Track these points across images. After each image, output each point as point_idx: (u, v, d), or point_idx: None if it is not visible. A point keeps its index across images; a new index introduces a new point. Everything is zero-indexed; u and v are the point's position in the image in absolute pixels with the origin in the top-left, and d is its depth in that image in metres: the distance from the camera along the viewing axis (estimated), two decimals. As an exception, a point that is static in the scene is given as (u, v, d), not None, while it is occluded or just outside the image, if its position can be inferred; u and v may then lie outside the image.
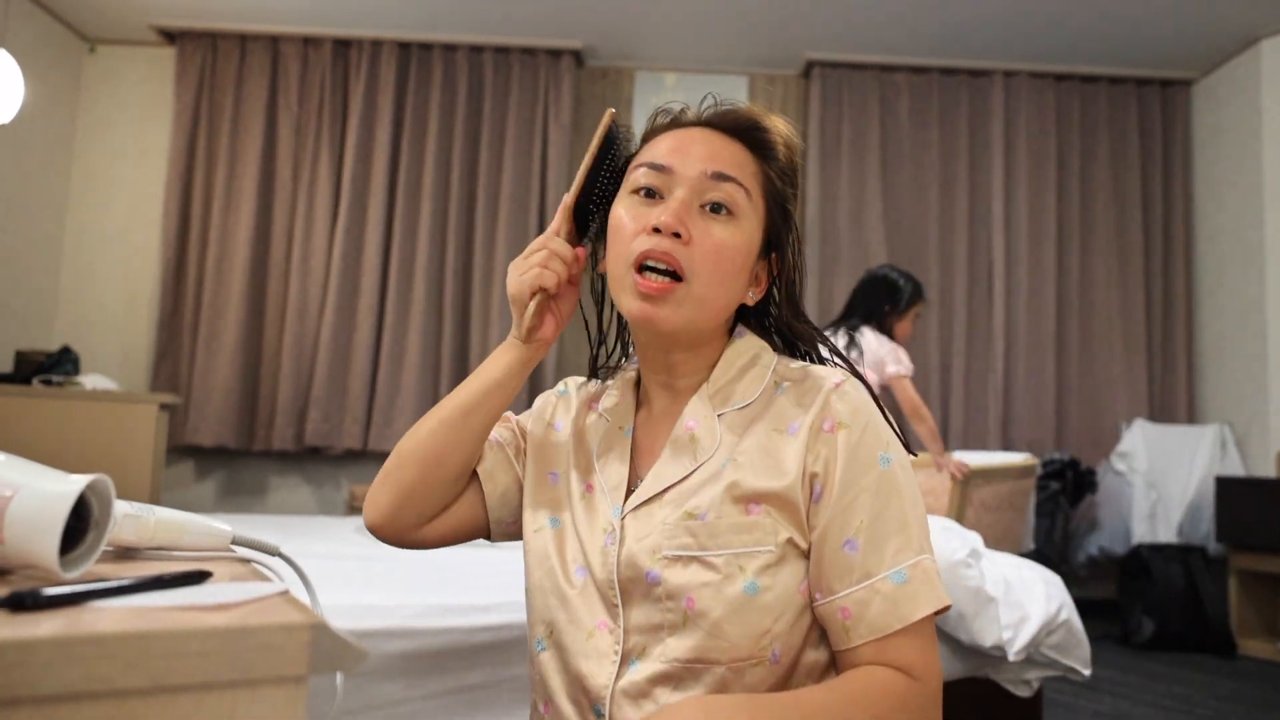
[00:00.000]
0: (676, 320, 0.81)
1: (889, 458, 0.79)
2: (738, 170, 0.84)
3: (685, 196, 0.82)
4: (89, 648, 0.40)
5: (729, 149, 0.85)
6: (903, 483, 0.79)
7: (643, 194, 0.84)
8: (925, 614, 0.75)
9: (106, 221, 4.28)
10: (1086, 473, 3.90)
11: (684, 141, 0.85)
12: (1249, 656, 3.52)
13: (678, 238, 0.80)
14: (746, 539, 0.78)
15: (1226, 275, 4.15)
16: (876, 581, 0.76)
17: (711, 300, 0.82)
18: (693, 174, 0.82)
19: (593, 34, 4.22)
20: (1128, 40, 4.11)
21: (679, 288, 0.80)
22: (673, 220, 0.80)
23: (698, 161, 0.83)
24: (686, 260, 0.80)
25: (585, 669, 0.81)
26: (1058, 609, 1.80)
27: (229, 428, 3.98)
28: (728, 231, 0.82)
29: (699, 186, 0.82)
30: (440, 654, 1.48)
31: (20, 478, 0.56)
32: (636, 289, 0.81)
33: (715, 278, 0.81)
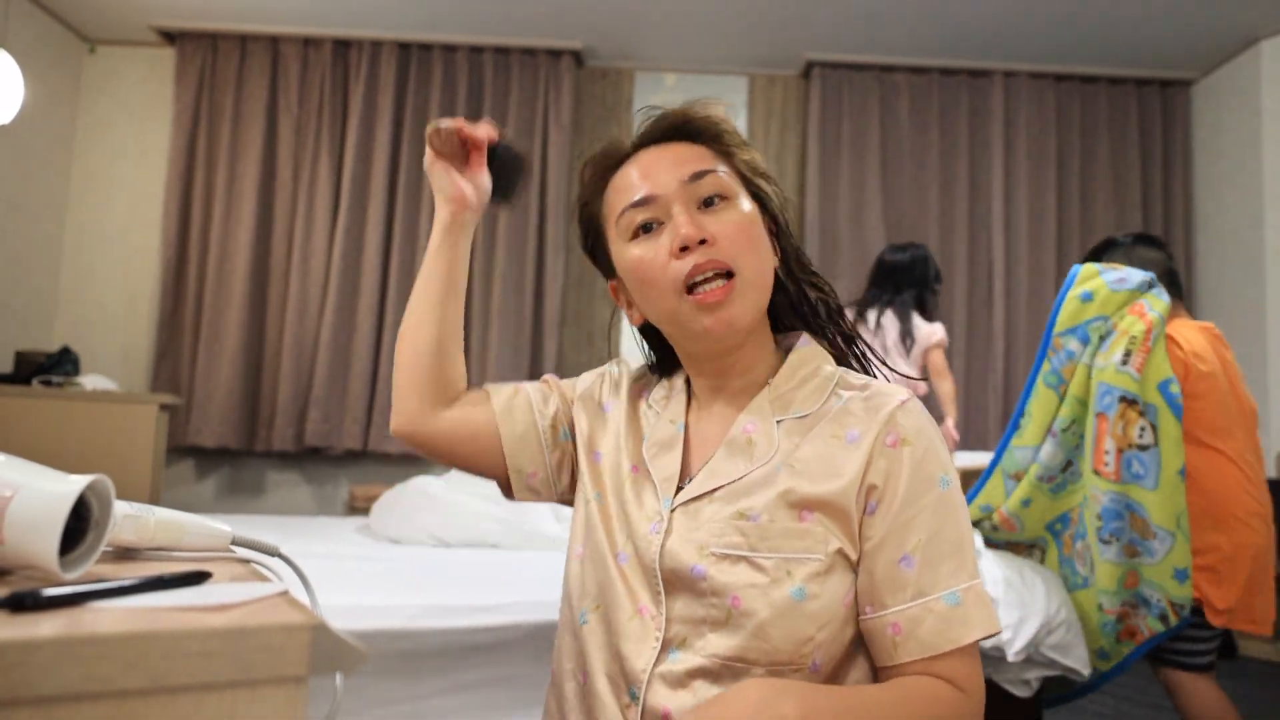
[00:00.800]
0: (747, 313, 0.83)
1: (949, 480, 0.80)
2: (704, 161, 0.86)
3: (683, 208, 0.83)
4: (89, 648, 0.40)
5: (682, 149, 0.87)
6: (958, 506, 0.80)
7: (642, 233, 0.85)
8: (976, 638, 0.76)
9: (106, 222, 4.28)
10: (1086, 473, 3.90)
11: (642, 168, 0.87)
12: (1249, 657, 3.52)
13: (704, 244, 0.81)
14: (797, 545, 0.79)
15: (1226, 275, 4.15)
16: (930, 601, 0.76)
17: (760, 278, 0.84)
18: (673, 187, 0.84)
19: (593, 34, 4.22)
20: (1128, 40, 4.11)
21: (735, 282, 0.82)
22: (694, 231, 0.81)
23: (669, 174, 0.85)
24: (727, 256, 0.82)
25: (626, 650, 0.82)
26: (1058, 608, 1.80)
27: (229, 428, 3.98)
28: (734, 213, 0.84)
29: (685, 194, 0.84)
30: (440, 654, 1.48)
31: (20, 478, 0.56)
32: (699, 306, 0.82)
33: (753, 257, 0.83)
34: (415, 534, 2.50)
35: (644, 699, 0.80)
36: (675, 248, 0.81)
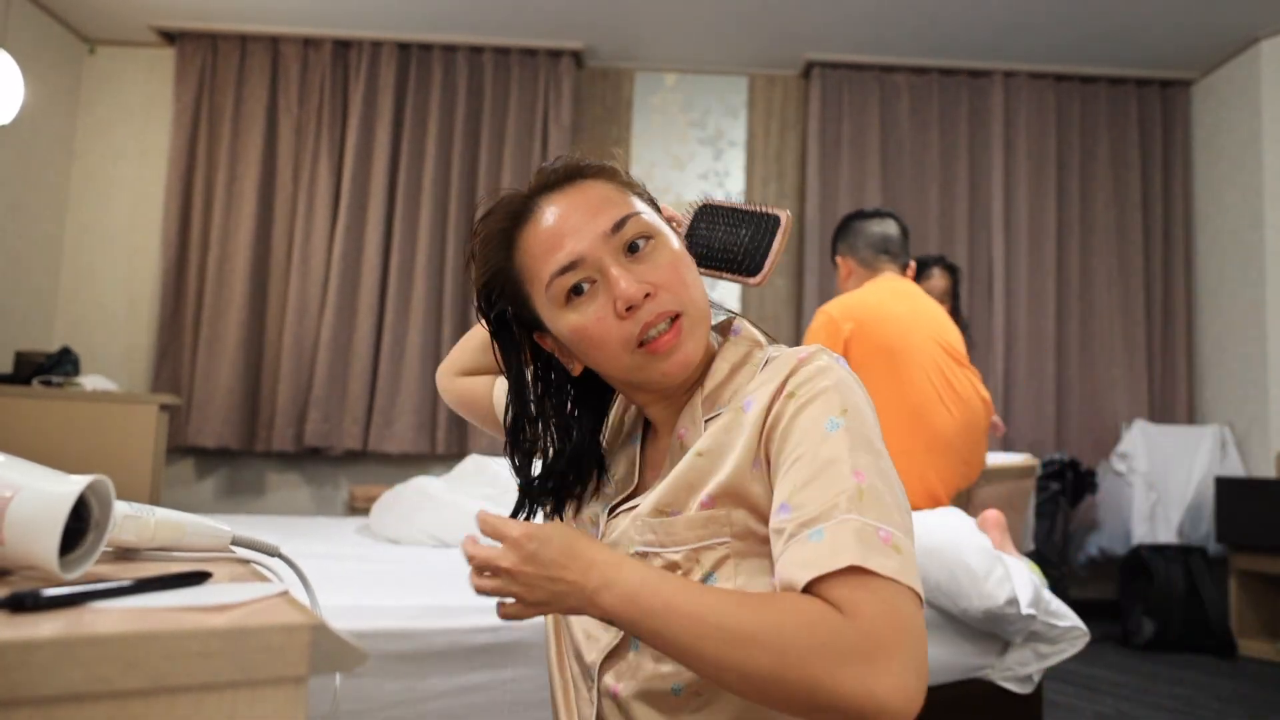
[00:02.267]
0: (699, 347, 0.83)
1: (839, 423, 0.74)
2: (615, 205, 0.83)
3: (612, 264, 0.80)
4: (89, 648, 0.40)
5: (590, 193, 0.84)
6: (848, 446, 0.73)
7: (574, 295, 0.82)
8: (827, 570, 0.66)
9: (107, 222, 4.28)
10: (1086, 473, 3.90)
11: (557, 223, 0.82)
12: (1249, 657, 3.52)
13: (649, 297, 0.80)
14: (701, 533, 0.79)
15: (1226, 275, 4.15)
16: (795, 542, 0.70)
17: (703, 310, 0.83)
18: (597, 241, 0.81)
19: (593, 34, 4.22)
20: (1127, 40, 4.11)
21: (683, 320, 0.81)
22: (636, 290, 0.79)
23: (588, 227, 0.81)
24: (671, 301, 0.80)
25: (583, 645, 0.87)
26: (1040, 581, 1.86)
27: (229, 428, 3.98)
28: (664, 253, 0.82)
29: (610, 246, 0.81)
30: (440, 654, 1.48)
31: (20, 478, 0.56)
32: (654, 355, 0.80)
33: (691, 291, 0.82)
34: (415, 534, 2.50)
35: (598, 682, 0.84)
36: (621, 309, 0.79)
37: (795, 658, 0.63)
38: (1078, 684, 2.91)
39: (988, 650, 1.88)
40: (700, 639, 0.66)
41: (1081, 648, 1.86)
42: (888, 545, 0.68)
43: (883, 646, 0.63)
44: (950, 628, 1.86)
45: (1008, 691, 1.86)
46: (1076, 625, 1.84)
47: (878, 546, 0.67)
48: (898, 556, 0.68)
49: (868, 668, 0.63)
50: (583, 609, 0.71)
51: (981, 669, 1.87)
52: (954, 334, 2.42)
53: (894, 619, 0.65)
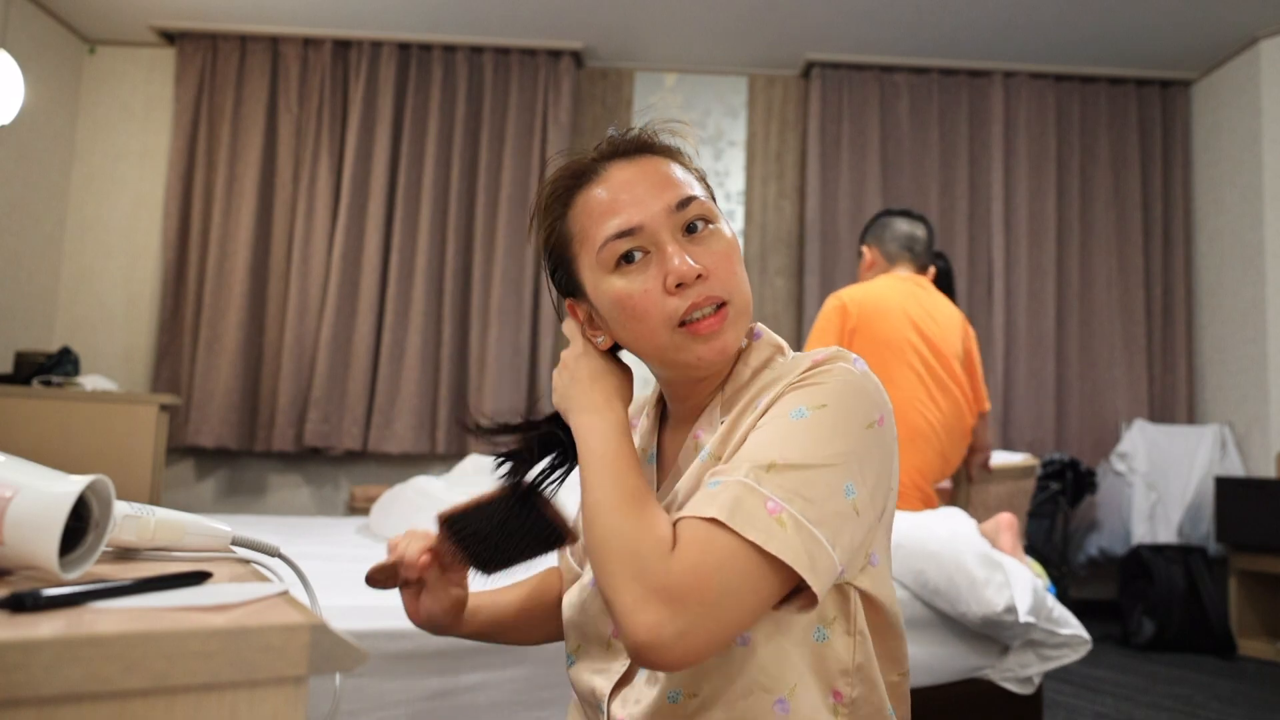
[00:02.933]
0: (738, 339, 0.82)
1: (805, 413, 0.74)
2: (680, 184, 0.83)
3: (670, 240, 0.80)
4: (89, 648, 0.40)
5: (660, 170, 0.83)
6: (793, 433, 0.72)
7: (624, 263, 0.81)
8: (693, 514, 0.69)
9: (107, 222, 4.28)
10: (1086, 473, 3.90)
11: (621, 189, 0.82)
12: (1249, 657, 3.52)
13: (700, 278, 0.79)
14: None
15: (1226, 275, 4.15)
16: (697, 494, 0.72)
17: (747, 303, 0.83)
18: (660, 215, 0.80)
19: (593, 34, 4.22)
20: (1127, 40, 4.11)
21: (728, 310, 0.80)
22: (691, 269, 0.78)
23: (654, 200, 0.81)
24: (720, 288, 0.80)
25: (592, 681, 0.86)
26: (1043, 584, 1.84)
27: (229, 428, 3.98)
28: (721, 241, 0.82)
29: (671, 222, 0.81)
30: (440, 654, 1.48)
31: (20, 478, 0.56)
32: (695, 336, 0.80)
33: (740, 284, 0.82)
34: (415, 534, 2.49)
35: (608, 712, 0.83)
36: (670, 284, 0.79)
37: (616, 561, 0.69)
38: (1078, 684, 2.91)
39: (988, 651, 1.88)
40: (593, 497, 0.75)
41: (1084, 654, 1.85)
42: (772, 517, 0.68)
43: (680, 588, 0.66)
44: (950, 628, 1.86)
45: (1008, 691, 1.86)
46: (1078, 634, 1.83)
47: (758, 514, 0.68)
48: (774, 529, 0.67)
49: (650, 599, 0.66)
50: (573, 414, 0.84)
51: (982, 669, 1.87)
52: (958, 337, 2.43)
53: (714, 570, 0.66)
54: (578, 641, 0.91)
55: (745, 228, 4.42)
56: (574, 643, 0.91)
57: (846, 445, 0.73)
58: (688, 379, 0.86)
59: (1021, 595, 1.78)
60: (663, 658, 0.65)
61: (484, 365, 4.11)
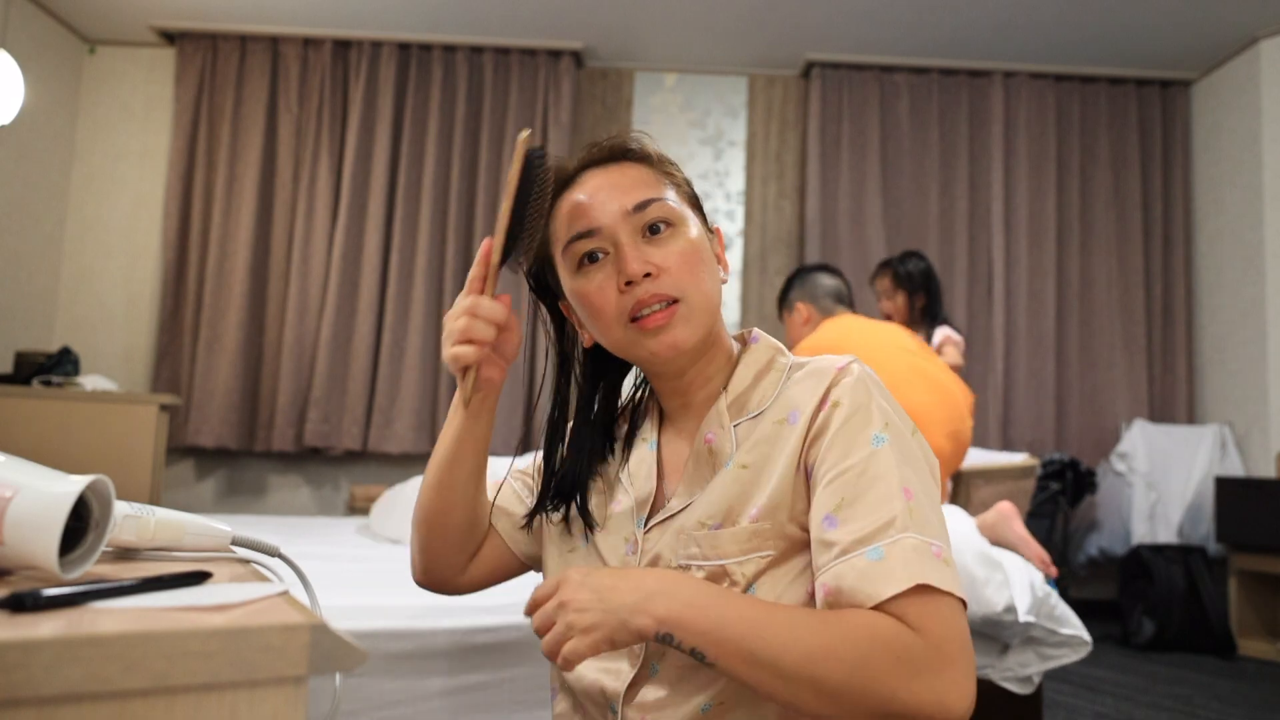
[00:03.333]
0: (693, 335, 0.84)
1: (884, 438, 0.77)
2: (648, 187, 0.85)
3: (627, 240, 0.83)
4: (90, 648, 0.40)
5: (629, 174, 0.86)
6: (895, 463, 0.75)
7: (588, 262, 0.85)
8: (894, 591, 0.69)
9: (107, 222, 4.28)
10: (1086, 473, 3.90)
11: (587, 193, 0.86)
12: (1249, 657, 3.52)
13: (649, 277, 0.82)
14: (747, 546, 0.79)
15: (1226, 275, 4.15)
16: (853, 558, 0.72)
17: (706, 301, 0.85)
18: (618, 217, 0.84)
19: (593, 34, 4.22)
20: (1127, 40, 4.11)
21: (679, 307, 0.83)
22: (639, 266, 0.81)
23: (614, 203, 0.84)
24: (671, 286, 0.82)
25: (600, 679, 0.84)
26: (1041, 580, 1.84)
27: (229, 428, 3.98)
28: (680, 241, 0.84)
29: (630, 224, 0.84)
30: (440, 654, 1.48)
31: (20, 478, 0.56)
32: (644, 331, 0.83)
33: (697, 282, 0.84)
34: (415, 534, 2.48)
35: (621, 714, 0.82)
36: (620, 282, 0.82)
37: (871, 671, 0.67)
38: (1078, 684, 2.91)
39: (988, 650, 1.88)
40: (778, 645, 0.69)
41: (1084, 655, 1.85)
42: (940, 560, 0.71)
43: (949, 658, 0.68)
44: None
45: (1008, 691, 1.86)
46: (1078, 634, 1.82)
47: (934, 562, 0.71)
48: (948, 570, 0.71)
49: (937, 679, 0.67)
50: (636, 622, 0.71)
51: (981, 668, 1.87)
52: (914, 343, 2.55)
53: (957, 632, 0.70)
54: None
55: (745, 228, 4.42)
56: None
57: (919, 458, 0.79)
58: (664, 376, 0.89)
59: (1021, 594, 1.78)
60: (972, 707, 0.69)
61: (484, 365, 4.10)
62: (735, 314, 4.39)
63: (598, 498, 0.93)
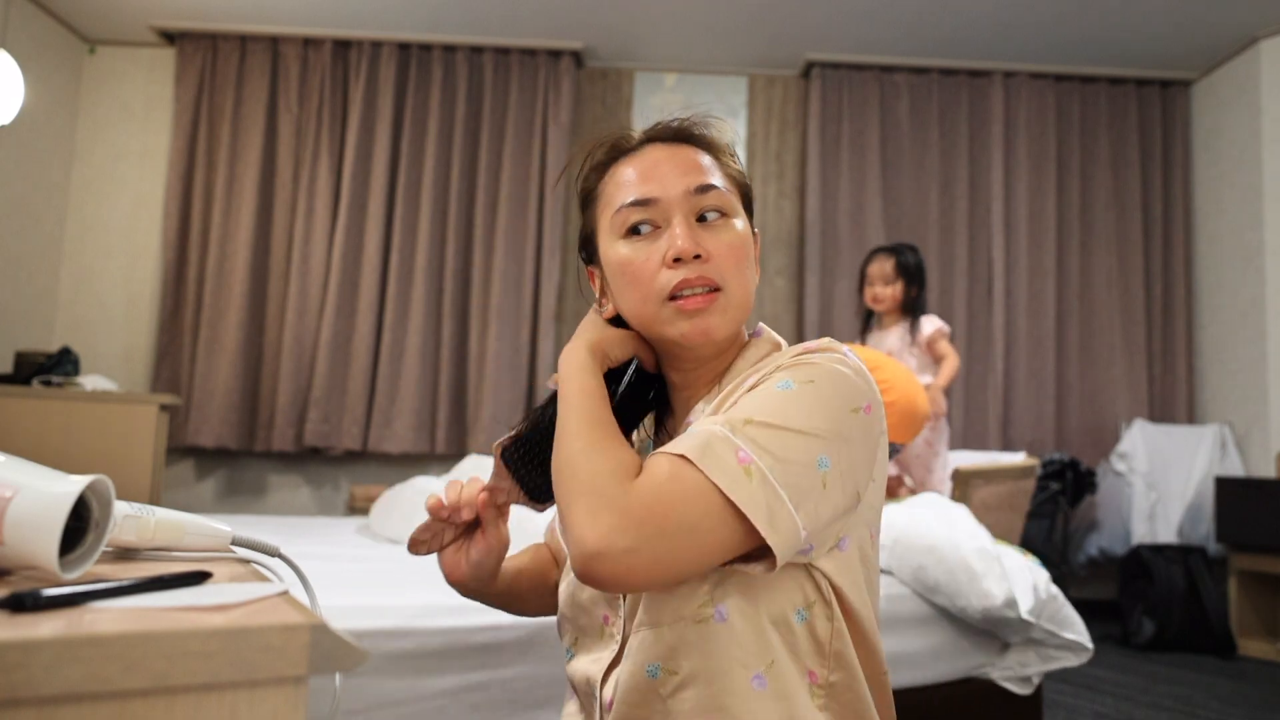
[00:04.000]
0: (726, 327, 0.84)
1: (791, 384, 0.76)
2: (709, 173, 0.86)
3: (683, 219, 0.84)
4: (90, 648, 0.40)
5: (692, 157, 0.87)
6: (776, 398, 0.75)
7: (634, 233, 0.86)
8: (673, 451, 0.72)
9: (107, 222, 4.28)
10: (1086, 473, 3.90)
11: (651, 166, 0.86)
12: (1249, 657, 3.52)
13: (698, 259, 0.82)
14: None
15: (1226, 275, 4.15)
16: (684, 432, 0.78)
17: (744, 298, 0.86)
18: (677, 195, 0.84)
19: (593, 34, 4.22)
20: (1127, 40, 4.11)
21: (720, 296, 0.83)
22: (691, 246, 0.82)
23: (677, 181, 0.85)
24: (716, 274, 0.83)
25: (587, 669, 0.87)
26: (1046, 581, 1.83)
27: (229, 428, 3.98)
28: (730, 233, 0.85)
29: (687, 204, 0.84)
30: (440, 654, 1.48)
31: (20, 478, 0.56)
32: (681, 312, 0.83)
33: (741, 278, 0.85)
34: (415, 534, 2.48)
35: (599, 696, 0.84)
36: (669, 258, 0.82)
37: (575, 480, 0.72)
38: (1078, 684, 2.91)
39: (988, 648, 1.88)
40: (560, 427, 0.79)
41: (1085, 661, 1.85)
42: (740, 465, 0.70)
43: (628, 512, 0.68)
44: (950, 625, 1.86)
45: (1008, 691, 1.86)
46: (1079, 640, 1.81)
47: (724, 458, 0.70)
48: (744, 480, 0.69)
49: (598, 513, 0.68)
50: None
51: (981, 667, 1.87)
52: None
53: (664, 505, 0.68)
54: (574, 634, 0.92)
55: (745, 228, 4.42)
56: (570, 636, 0.92)
57: (827, 421, 0.75)
58: (678, 359, 0.88)
59: (1023, 592, 1.78)
60: (607, 568, 0.67)
61: (484, 365, 4.11)
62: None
63: None
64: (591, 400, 0.80)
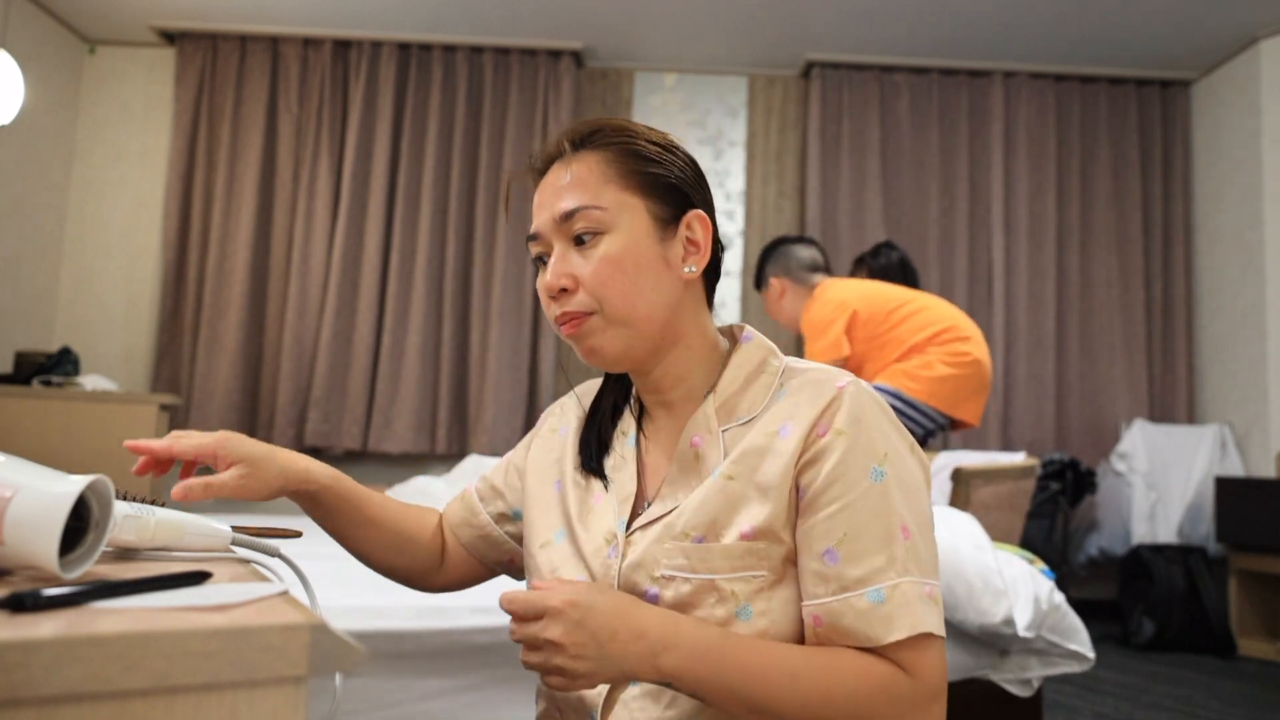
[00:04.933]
0: (612, 346, 0.83)
1: (883, 471, 0.76)
2: (577, 194, 0.82)
3: (557, 249, 0.84)
4: (90, 649, 0.40)
5: (557, 182, 0.84)
6: (895, 499, 0.76)
7: (539, 265, 0.87)
8: (896, 638, 0.72)
9: (107, 222, 4.28)
10: (1086, 473, 3.90)
11: (538, 200, 0.87)
12: (1249, 657, 3.52)
13: (565, 292, 0.82)
14: (739, 564, 0.78)
15: (1226, 275, 4.15)
16: (852, 597, 0.73)
17: (633, 313, 0.82)
18: (548, 226, 0.84)
19: (593, 34, 4.22)
20: (1127, 40, 4.11)
21: (592, 319, 0.82)
22: (552, 280, 0.82)
23: (546, 212, 0.84)
24: (583, 303, 0.82)
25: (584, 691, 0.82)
26: (1049, 591, 1.82)
27: (229, 428, 3.98)
28: (601, 249, 0.82)
29: (558, 233, 0.84)
30: (440, 654, 1.48)
31: (20, 478, 0.56)
32: (569, 338, 0.84)
33: (620, 292, 0.81)
34: (415, 534, 2.48)
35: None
36: (546, 289, 0.84)
37: (865, 714, 0.72)
38: (1078, 684, 2.91)
39: (988, 653, 1.88)
40: (777, 696, 0.71)
41: (1087, 669, 1.84)
42: (932, 601, 0.75)
43: (935, 695, 0.74)
44: (950, 628, 1.85)
45: (1007, 692, 1.86)
46: (1081, 651, 1.80)
47: (929, 606, 0.75)
48: (937, 610, 0.75)
49: (924, 715, 0.74)
50: (638, 673, 0.72)
51: (981, 669, 1.87)
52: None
53: (942, 671, 0.75)
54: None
55: (745, 228, 4.42)
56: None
57: (912, 480, 0.79)
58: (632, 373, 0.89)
59: (1022, 608, 1.75)
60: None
61: (484, 365, 4.11)
62: (736, 314, 4.39)
63: (576, 490, 0.91)
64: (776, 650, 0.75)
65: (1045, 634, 1.79)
